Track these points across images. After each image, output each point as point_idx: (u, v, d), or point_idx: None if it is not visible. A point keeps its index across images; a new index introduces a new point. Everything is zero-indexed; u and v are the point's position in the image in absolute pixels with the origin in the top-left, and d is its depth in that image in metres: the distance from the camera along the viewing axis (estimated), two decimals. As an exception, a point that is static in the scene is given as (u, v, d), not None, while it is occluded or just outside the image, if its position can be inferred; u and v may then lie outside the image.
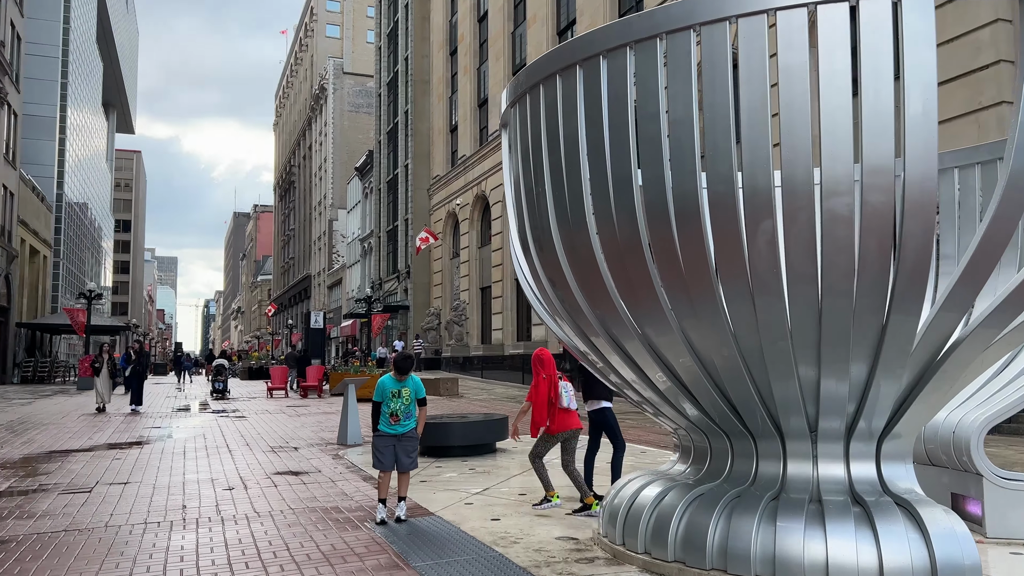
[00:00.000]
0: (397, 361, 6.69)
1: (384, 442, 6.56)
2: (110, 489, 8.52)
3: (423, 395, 6.77)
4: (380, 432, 6.60)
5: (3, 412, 18.88)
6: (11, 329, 36.92)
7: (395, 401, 6.59)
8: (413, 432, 6.68)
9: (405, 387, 6.65)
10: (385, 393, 6.62)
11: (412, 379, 6.73)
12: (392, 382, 6.66)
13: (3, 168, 34.17)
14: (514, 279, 32.21)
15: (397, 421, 6.58)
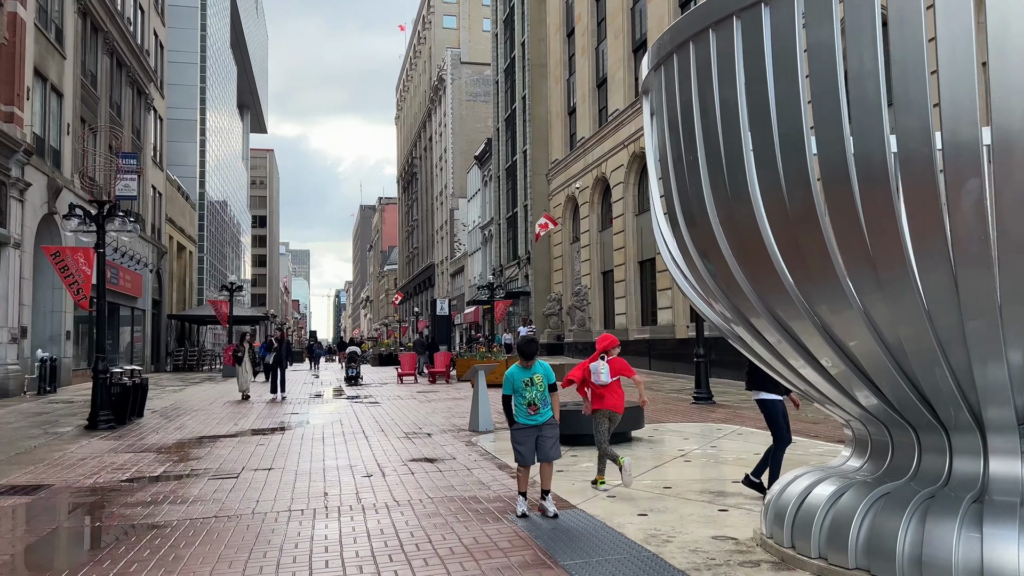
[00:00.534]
0: (521, 346, 6.36)
1: (524, 435, 6.25)
2: (255, 475, 8.73)
3: (554, 379, 6.41)
4: (519, 425, 6.27)
5: (159, 399, 20.11)
6: (163, 320, 39.60)
7: (529, 390, 6.24)
8: (553, 420, 6.33)
9: (536, 373, 6.28)
10: (516, 384, 6.29)
11: (540, 364, 6.37)
12: (520, 371, 6.31)
13: (152, 170, 36.55)
14: (638, 262, 31.47)
15: (536, 411, 6.23)
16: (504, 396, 6.38)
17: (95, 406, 13.22)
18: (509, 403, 6.32)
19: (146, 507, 7.09)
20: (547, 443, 6.24)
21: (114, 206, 13.35)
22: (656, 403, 15.84)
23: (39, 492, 7.92)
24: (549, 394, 6.33)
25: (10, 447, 11.01)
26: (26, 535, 6.15)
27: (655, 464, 8.66)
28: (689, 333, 25.46)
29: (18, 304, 19.91)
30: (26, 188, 20.16)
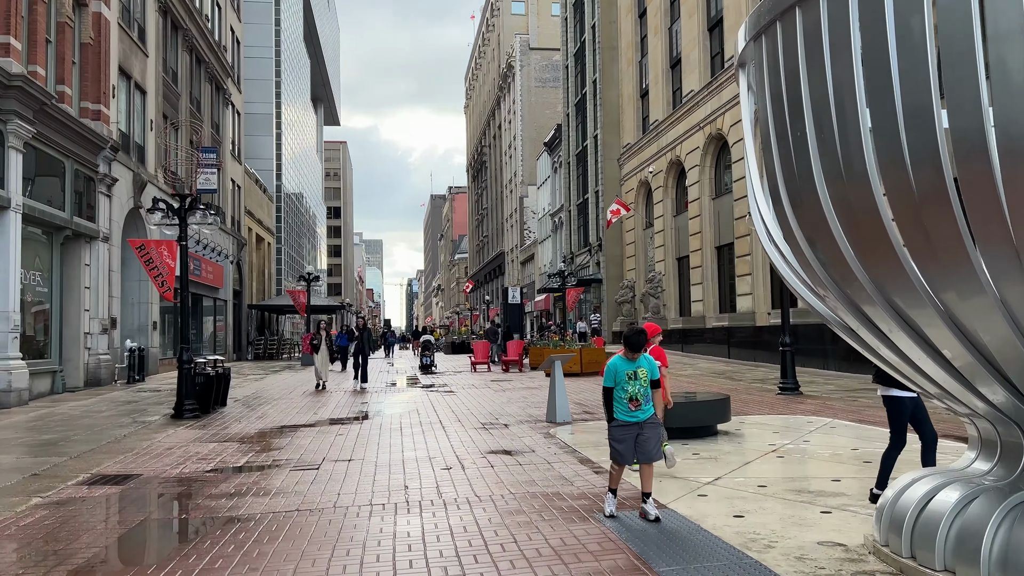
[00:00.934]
0: (629, 336, 5.95)
1: (624, 432, 5.86)
2: (336, 466, 8.70)
3: (658, 376, 6.06)
4: (618, 421, 5.89)
5: (240, 387, 20.57)
6: (244, 310, 40.72)
7: (632, 384, 5.85)
8: (655, 418, 5.96)
9: (640, 367, 5.91)
10: (619, 376, 5.90)
11: (645, 358, 5.99)
12: (625, 363, 5.93)
13: (231, 164, 37.49)
14: (715, 247, 30.63)
15: (637, 407, 5.84)
16: (605, 388, 6.00)
17: (180, 396, 13.53)
18: (610, 397, 5.94)
19: (230, 499, 7.11)
20: (649, 442, 5.86)
21: (195, 199, 13.59)
22: (739, 394, 15.30)
23: (128, 482, 8.06)
24: (652, 391, 5.98)
25: (101, 436, 11.34)
26: (116, 526, 6.22)
27: (744, 460, 8.25)
28: (771, 320, 24.64)
29: (107, 296, 20.64)
30: (113, 183, 20.84)
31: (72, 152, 18.36)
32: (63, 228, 18.06)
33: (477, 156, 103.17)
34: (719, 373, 21.30)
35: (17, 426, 12.60)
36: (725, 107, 28.55)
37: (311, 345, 20.07)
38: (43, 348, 17.81)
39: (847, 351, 20.33)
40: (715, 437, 9.87)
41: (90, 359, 19.47)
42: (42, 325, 17.88)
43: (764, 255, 27.12)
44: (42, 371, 17.25)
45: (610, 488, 6.09)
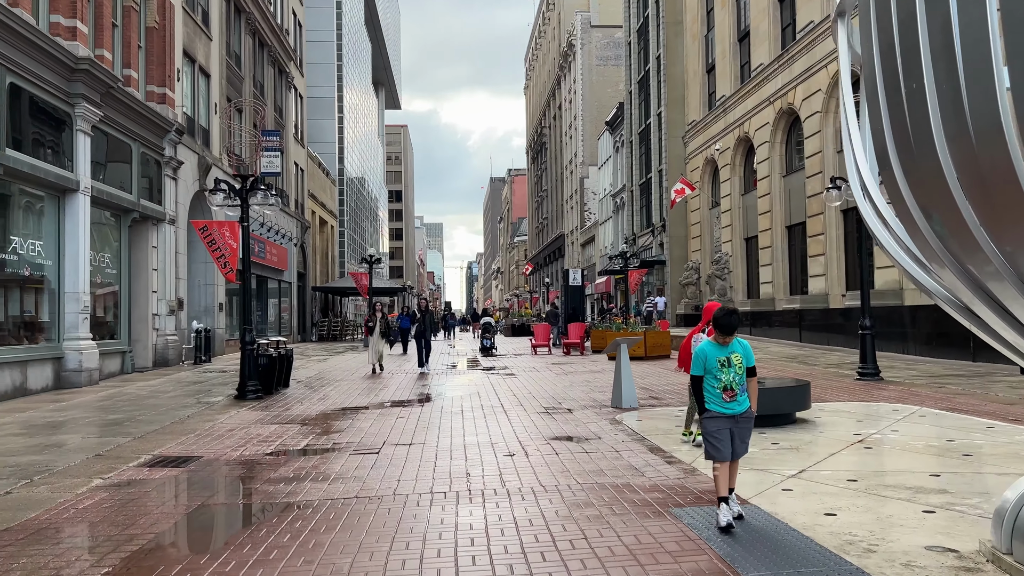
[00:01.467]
0: (720, 318, 5.30)
1: (718, 425, 5.24)
2: (396, 450, 8.46)
3: (753, 362, 5.38)
4: (712, 413, 5.26)
5: (303, 368, 20.68)
6: (308, 292, 41.24)
7: (725, 372, 5.22)
8: (750, 412, 5.31)
9: (734, 353, 5.26)
10: (709, 363, 5.27)
11: (739, 343, 5.33)
12: (716, 348, 5.30)
13: (294, 147, 37.84)
14: (785, 227, 29.51)
15: (732, 397, 5.21)
16: (694, 377, 5.41)
17: (243, 377, 13.54)
18: (700, 386, 5.32)
19: (288, 483, 6.92)
20: (741, 438, 5.29)
21: (256, 180, 13.52)
22: (815, 379, 14.56)
23: (188, 464, 7.96)
24: (747, 379, 5.31)
25: (165, 416, 11.38)
26: (173, 512, 6.06)
27: (829, 451, 7.67)
28: (846, 303, 23.61)
29: (174, 277, 20.95)
30: (179, 166, 21.08)
31: (138, 135, 18.59)
32: (131, 211, 18.32)
33: (537, 137, 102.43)
34: (791, 357, 20.47)
35: (86, 405, 12.79)
36: (797, 80, 27.35)
37: (367, 328, 19.47)
38: (113, 329, 18.15)
39: (929, 335, 19.26)
40: (793, 425, 9.28)
41: (158, 340, 19.82)
42: (111, 306, 18.22)
43: (838, 234, 26.02)
44: (112, 351, 17.58)
45: (719, 497, 5.26)
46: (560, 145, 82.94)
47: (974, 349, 17.42)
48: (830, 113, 25.65)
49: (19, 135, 13.87)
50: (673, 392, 13.35)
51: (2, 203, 13.95)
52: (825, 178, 25.71)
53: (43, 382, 14.60)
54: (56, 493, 6.72)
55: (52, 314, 15.26)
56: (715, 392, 5.27)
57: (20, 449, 8.87)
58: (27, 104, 14.14)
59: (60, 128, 15.31)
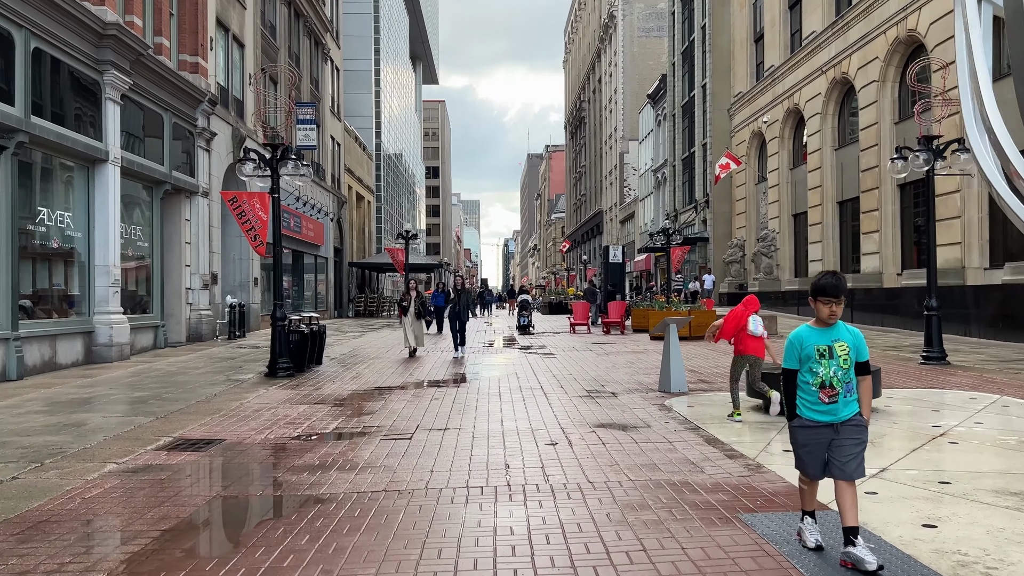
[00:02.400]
0: (822, 280, 4.15)
1: (812, 435, 4.12)
2: (430, 436, 7.86)
3: (866, 356, 4.17)
4: (803, 420, 4.15)
5: (339, 344, 20.28)
6: (344, 268, 40.97)
7: (824, 365, 4.06)
8: (858, 418, 4.11)
9: (839, 341, 4.10)
10: (806, 352, 4.12)
11: (847, 329, 4.20)
12: (815, 333, 4.15)
13: (330, 120, 37.37)
14: (837, 202, 28.27)
15: (834, 398, 4.05)
16: (786, 371, 4.23)
17: (274, 354, 13.09)
18: (793, 382, 4.19)
19: (312, 472, 6.36)
20: (847, 452, 4.05)
21: (287, 149, 12.95)
22: (875, 363, 13.63)
23: (209, 448, 7.46)
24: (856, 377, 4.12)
25: (192, 394, 10.95)
26: (184, 504, 5.53)
27: (911, 446, 6.87)
28: (902, 282, 22.46)
29: (208, 251, 20.63)
30: (212, 138, 20.67)
31: (170, 105, 18.17)
32: (162, 182, 17.95)
33: (575, 112, 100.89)
34: (844, 339, 19.46)
35: (114, 381, 12.44)
36: (852, 48, 25.99)
37: (401, 308, 17.27)
38: (145, 303, 17.87)
39: (994, 316, 18.15)
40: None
41: (191, 314, 19.53)
42: (143, 280, 17.94)
43: (894, 210, 24.75)
44: (144, 326, 17.31)
45: (804, 510, 4.42)
46: (599, 119, 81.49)
47: (1046, 332, 16.31)
48: (888, 82, 24.32)
49: (45, 103, 13.47)
50: (724, 375, 12.54)
51: (28, 173, 13.59)
52: (882, 151, 24.46)
53: (73, 357, 14.33)
54: (65, 479, 6.24)
55: (82, 287, 14.96)
56: (810, 390, 4.12)
57: (38, 428, 8.46)
58: (53, 71, 13.72)
59: (88, 97, 14.90)
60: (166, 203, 18.59)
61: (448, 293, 18.22)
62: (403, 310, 16.90)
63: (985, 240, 19.64)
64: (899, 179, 22.44)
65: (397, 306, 17.67)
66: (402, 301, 17.13)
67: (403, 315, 16.84)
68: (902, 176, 13.87)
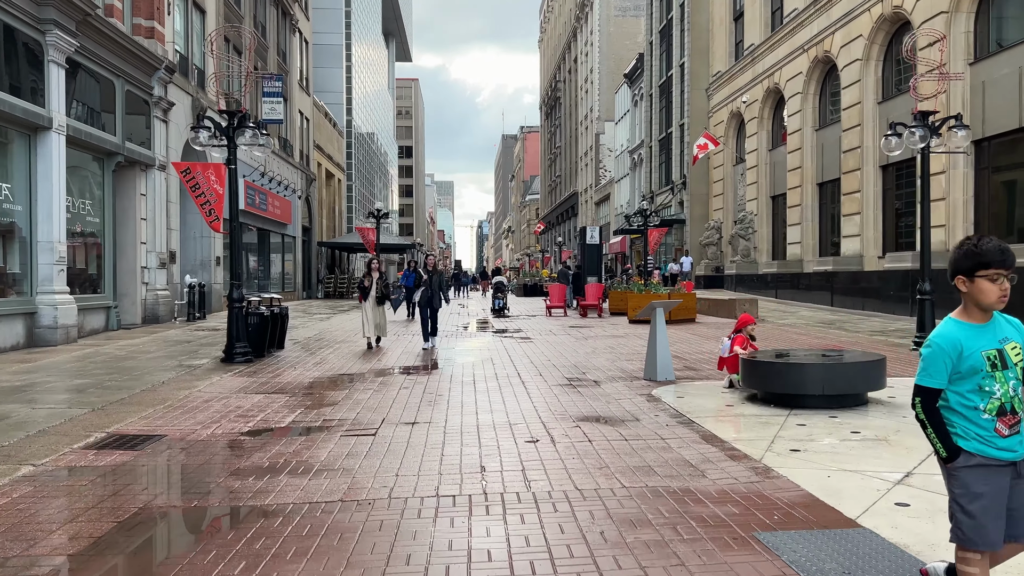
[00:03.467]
0: (988, 251, 2.85)
1: (984, 479, 2.84)
2: (396, 432, 7.07)
3: None
4: (976, 458, 2.85)
5: (304, 327, 19.35)
6: (313, 247, 39.80)
7: (1000, 380, 2.84)
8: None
9: (1009, 341, 2.91)
10: (967, 363, 2.84)
11: (1013, 323, 2.99)
12: (973, 333, 2.88)
13: (299, 95, 36.07)
14: (816, 184, 27.76)
15: (1016, 427, 2.85)
16: (926, 391, 2.93)
17: (230, 338, 12.19)
18: (933, 404, 2.93)
19: (260, 477, 5.55)
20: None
21: (244, 116, 11.97)
22: (864, 348, 13.08)
23: (146, 446, 6.61)
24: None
25: (138, 382, 10.03)
26: (99, 520, 4.69)
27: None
28: (885, 265, 22.00)
29: (166, 228, 19.53)
30: (169, 108, 19.51)
31: (123, 72, 17.00)
32: (114, 154, 16.82)
33: (551, 92, 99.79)
34: (827, 323, 18.97)
35: (54, 367, 11.47)
36: (835, 26, 25.37)
37: (360, 289, 14.87)
38: (96, 283, 16.79)
39: (982, 301, 17.69)
40: (865, 408, 7.83)
41: (147, 295, 18.47)
42: (94, 258, 16.84)
43: (876, 192, 24.25)
44: (94, 307, 16.25)
45: None
46: (575, 100, 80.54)
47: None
48: (871, 61, 23.75)
49: (-21, 63, 12.34)
50: (710, 362, 11.89)
51: (-39, 140, 12.48)
52: (865, 131, 23.93)
53: (13, 340, 13.29)
54: (-33, 487, 5.37)
55: (24, 265, 13.88)
56: (978, 418, 2.86)
57: (-46, 422, 7.53)
58: (-12, 29, 12.57)
59: (30, 59, 13.75)
60: (119, 176, 17.46)
61: (419, 275, 15.39)
62: (363, 292, 14.57)
63: (971, 222, 19.20)
64: (891, 157, 21.95)
65: (358, 288, 15.08)
66: (363, 282, 14.71)
67: (363, 299, 14.57)
68: (895, 154, 13.24)
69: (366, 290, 14.52)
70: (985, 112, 18.30)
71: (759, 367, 8.05)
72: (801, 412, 7.59)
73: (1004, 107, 17.87)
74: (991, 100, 18.28)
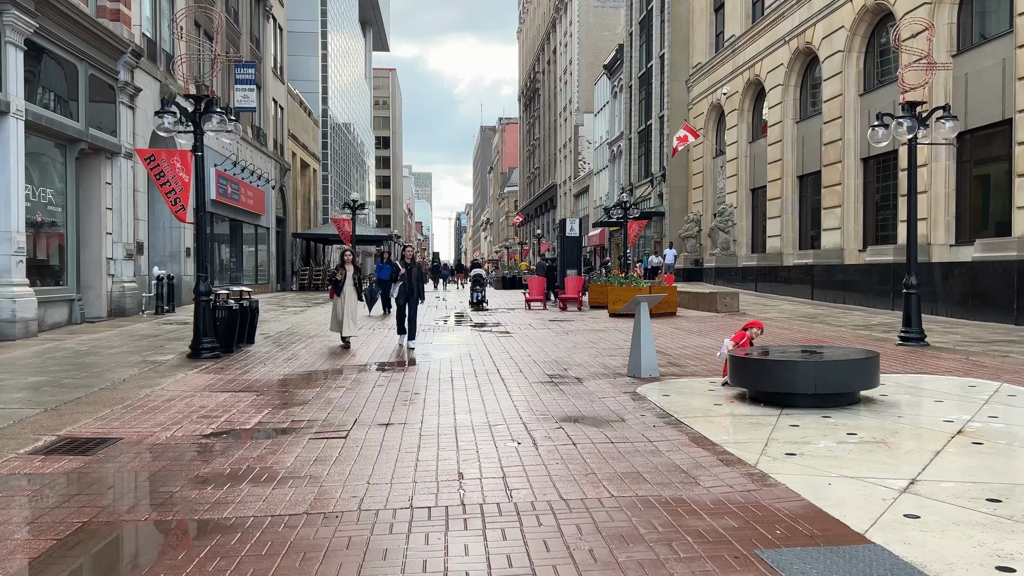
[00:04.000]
0: None
1: None
2: (369, 434, 6.67)
3: None
4: None
5: (277, 320, 18.84)
6: (288, 239, 39.09)
7: None
8: None
9: None
10: None
11: None
12: None
13: (273, 83, 35.31)
14: (797, 176, 27.61)
15: None
16: None
17: (197, 333, 11.69)
18: None
19: (220, 486, 5.12)
20: None
21: (211, 101, 11.44)
22: (848, 343, 12.86)
23: (98, 451, 6.15)
24: None
25: (97, 379, 9.52)
26: (38, 537, 4.25)
27: (931, 448, 5.90)
28: (866, 259, 21.86)
29: (133, 218, 18.89)
30: (136, 93, 18.83)
31: (86, 55, 16.33)
32: (77, 140, 16.16)
33: (530, 83, 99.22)
34: (810, 317, 18.79)
35: (9, 363, 10.90)
36: (817, 16, 25.17)
37: (332, 283, 13.63)
38: (58, 274, 16.15)
39: (964, 295, 17.60)
40: (858, 406, 7.55)
41: (113, 287, 17.84)
42: (57, 249, 16.19)
43: (857, 185, 24.09)
44: (56, 299, 15.62)
45: None
46: (554, 91, 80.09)
47: (1017, 311, 15.78)
48: (853, 52, 23.58)
49: (-71, 43, 11.69)
50: (694, 357, 11.61)
51: (-89, 124, 11.82)
52: (846, 123, 23.76)
53: (-32, 334, 12.68)
54: None
55: (-20, 256, 13.25)
56: None
57: None
58: (-61, 7, 11.91)
59: (-15, 39, 13.10)
60: (83, 164, 16.80)
61: (394, 266, 14.32)
62: (335, 287, 13.26)
63: (952, 216, 19.10)
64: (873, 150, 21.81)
65: (330, 281, 13.93)
66: (335, 276, 13.41)
67: (335, 294, 13.26)
68: (882, 145, 13.00)
69: (339, 284, 13.18)
70: (968, 104, 18.16)
71: (748, 365, 7.73)
72: (793, 412, 7.28)
73: (987, 100, 17.73)
74: (974, 92, 18.14)
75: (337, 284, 13.24)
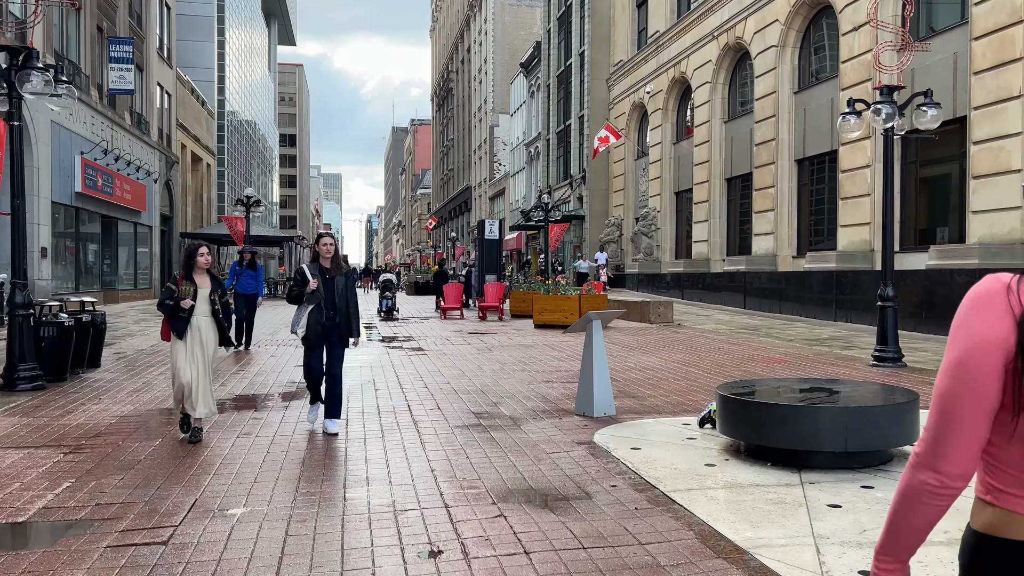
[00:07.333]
0: None
1: None
2: (205, 534, 4.27)
3: None
4: None
5: (143, 335, 15.93)
6: (175, 239, 35.45)
7: None
8: None
9: None
10: None
11: None
12: None
13: (159, 66, 31.76)
14: (725, 179, 26.32)
15: None
16: None
17: (11, 357, 8.94)
18: None
19: None
20: None
21: (30, 54, 8.69)
22: (809, 363, 11.15)
23: None
24: None
25: None
26: None
27: None
28: (805, 265, 20.53)
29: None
30: (-33, 60, 15.54)
31: None
32: None
33: (443, 83, 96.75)
34: (752, 329, 17.21)
35: None
36: (748, 10, 23.92)
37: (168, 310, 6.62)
38: None
39: (917, 305, 16.32)
40: (892, 464, 5.64)
41: (-67, 295, 14.56)
42: None
43: (791, 187, 22.76)
44: None
45: None
46: (468, 91, 77.91)
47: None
48: (788, 48, 22.36)
49: None
50: (648, 383, 9.59)
51: None
52: (780, 122, 22.50)
53: None
54: None
55: None
56: None
57: None
58: None
59: None
60: None
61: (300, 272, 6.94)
62: (173, 315, 6.65)
63: (897, 220, 17.87)
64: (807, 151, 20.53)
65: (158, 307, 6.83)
66: (172, 292, 6.65)
67: (170, 331, 6.75)
68: (853, 135, 11.43)
69: (181, 314, 6.57)
70: (915, 102, 16.98)
71: (751, 409, 5.70)
72: (815, 476, 5.30)
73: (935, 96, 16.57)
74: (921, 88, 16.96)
75: (176, 313, 6.56)
